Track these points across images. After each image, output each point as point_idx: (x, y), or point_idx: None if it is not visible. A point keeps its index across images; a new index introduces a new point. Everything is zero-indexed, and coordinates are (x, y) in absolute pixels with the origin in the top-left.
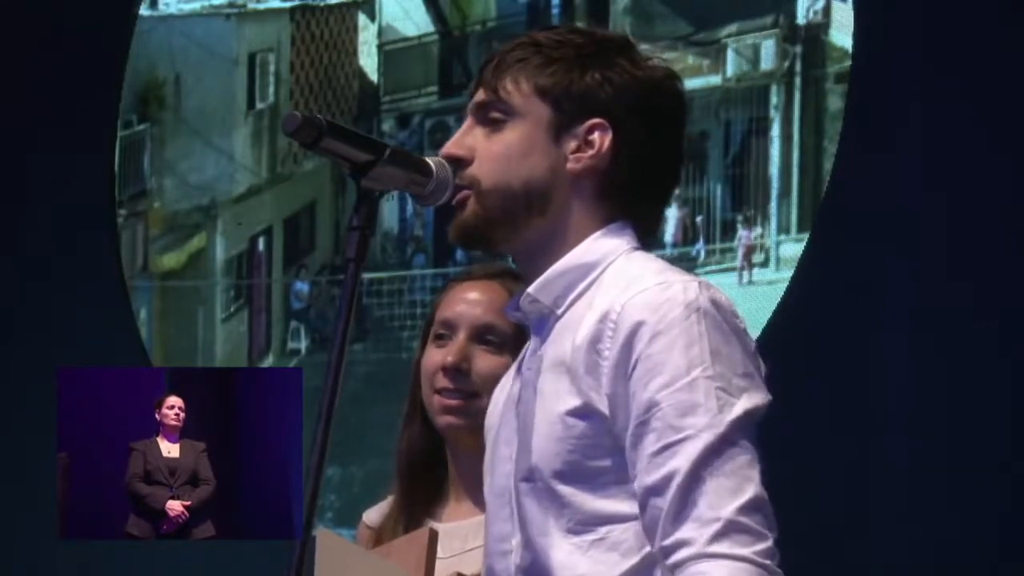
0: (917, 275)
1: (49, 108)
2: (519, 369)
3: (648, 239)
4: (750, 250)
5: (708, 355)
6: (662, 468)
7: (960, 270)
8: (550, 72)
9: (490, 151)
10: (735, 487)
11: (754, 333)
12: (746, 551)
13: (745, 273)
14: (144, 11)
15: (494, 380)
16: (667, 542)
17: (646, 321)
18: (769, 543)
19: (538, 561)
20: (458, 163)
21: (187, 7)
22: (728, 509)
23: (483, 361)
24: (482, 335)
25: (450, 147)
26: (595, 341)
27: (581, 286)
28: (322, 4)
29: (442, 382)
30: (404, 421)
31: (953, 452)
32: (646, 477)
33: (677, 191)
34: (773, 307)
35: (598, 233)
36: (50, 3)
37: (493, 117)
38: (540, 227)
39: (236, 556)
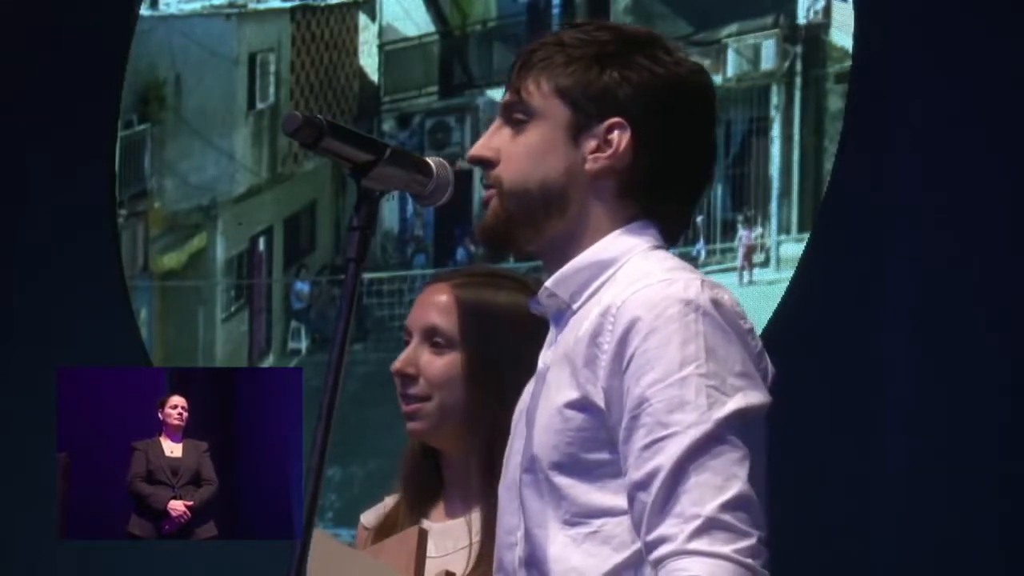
0: (917, 275)
1: (49, 108)
2: (539, 365)
3: (674, 238)
4: (750, 250)
5: (703, 353)
6: (648, 463)
7: (960, 270)
8: (570, 72)
9: (512, 152)
10: (720, 484)
11: None
12: (726, 549)
13: (745, 273)
14: (144, 11)
15: (441, 381)
16: (649, 538)
17: (643, 317)
18: (752, 541)
19: (535, 553)
20: (486, 164)
21: (187, 7)
22: (710, 506)
23: (429, 363)
24: (429, 337)
25: (476, 149)
26: (595, 335)
27: (597, 282)
28: (322, 4)
29: (398, 388)
30: None
31: (953, 452)
32: (634, 472)
33: None
34: (773, 307)
35: (618, 231)
36: (50, 3)
37: (516, 118)
38: (560, 227)
39: (236, 556)
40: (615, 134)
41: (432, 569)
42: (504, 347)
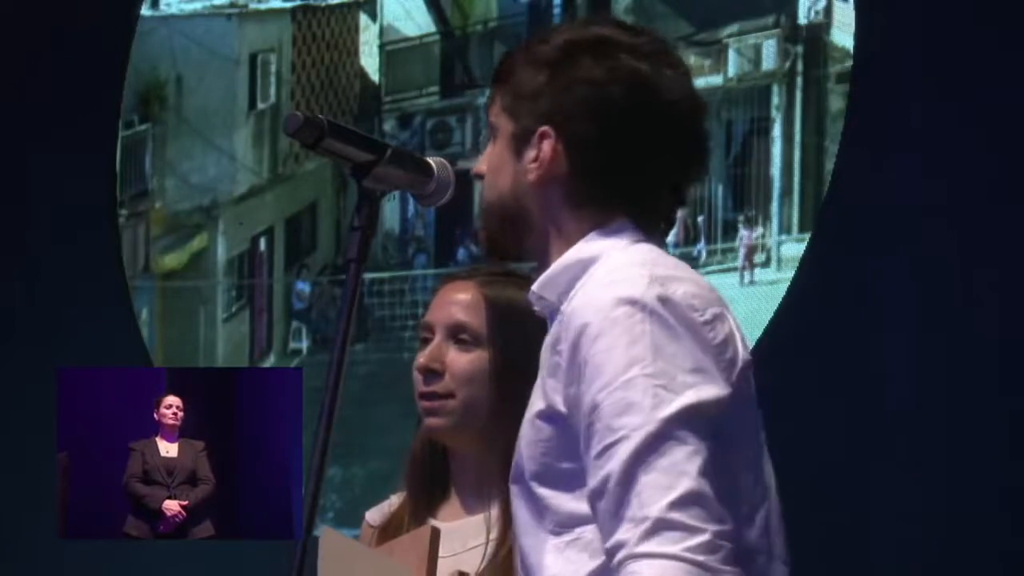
0: (918, 275)
1: (50, 108)
2: None
3: (658, 228)
4: (751, 250)
5: (649, 352)
6: (601, 470)
7: (960, 270)
8: (512, 84)
9: (486, 169)
10: (668, 483)
11: (755, 333)
12: (675, 548)
13: (746, 273)
14: (145, 11)
15: (467, 378)
16: (608, 544)
17: (591, 321)
18: (705, 537)
19: (524, 562)
20: (482, 179)
21: (188, 7)
22: (657, 507)
23: (455, 360)
24: (455, 334)
25: (476, 165)
26: (555, 343)
27: (580, 282)
28: (323, 4)
29: (419, 385)
30: (416, 421)
31: (953, 452)
32: (591, 480)
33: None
34: (774, 307)
35: (593, 234)
36: (51, 3)
37: (491, 134)
38: (533, 238)
39: (236, 556)
40: (543, 143)
41: (443, 570)
42: (531, 347)
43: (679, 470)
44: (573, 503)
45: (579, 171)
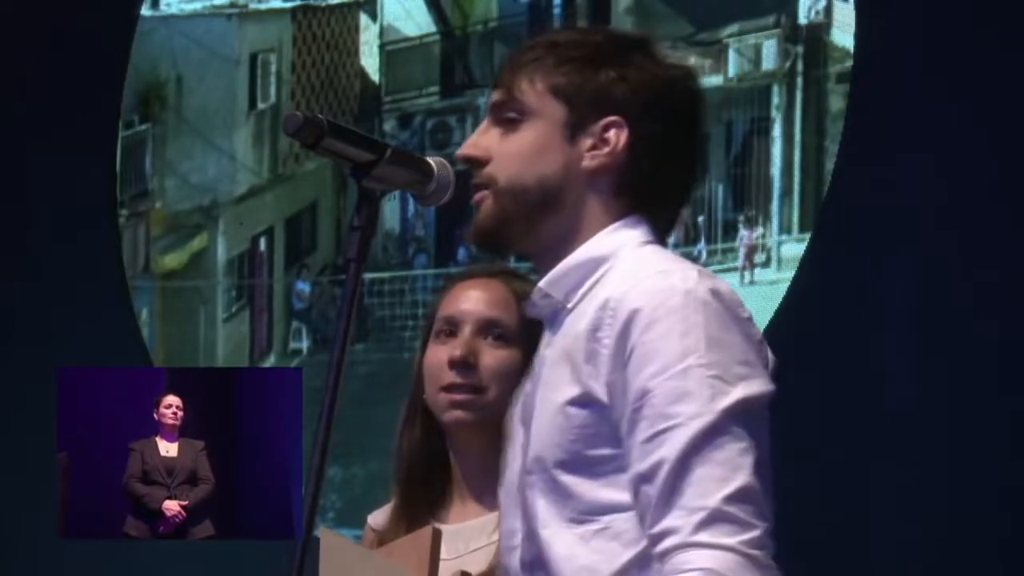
0: (918, 275)
1: (50, 108)
2: (534, 365)
3: (665, 235)
4: (752, 250)
5: (703, 343)
6: (652, 456)
7: (961, 270)
8: (564, 71)
9: (505, 151)
10: (724, 476)
11: None
12: (731, 540)
13: (747, 273)
14: (145, 11)
15: (501, 374)
16: (655, 530)
17: (643, 309)
18: (757, 533)
19: (541, 554)
20: (475, 164)
21: (188, 7)
22: (715, 498)
23: (489, 355)
24: (488, 330)
25: (466, 148)
26: (595, 329)
27: (591, 280)
28: (323, 4)
29: (449, 377)
30: (402, 424)
31: (953, 452)
32: (638, 465)
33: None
34: (775, 307)
35: (610, 228)
36: (51, 3)
37: (509, 117)
38: (555, 224)
39: (236, 556)
40: (612, 132)
41: (444, 572)
42: None
43: (735, 464)
44: (601, 491)
45: (636, 164)
